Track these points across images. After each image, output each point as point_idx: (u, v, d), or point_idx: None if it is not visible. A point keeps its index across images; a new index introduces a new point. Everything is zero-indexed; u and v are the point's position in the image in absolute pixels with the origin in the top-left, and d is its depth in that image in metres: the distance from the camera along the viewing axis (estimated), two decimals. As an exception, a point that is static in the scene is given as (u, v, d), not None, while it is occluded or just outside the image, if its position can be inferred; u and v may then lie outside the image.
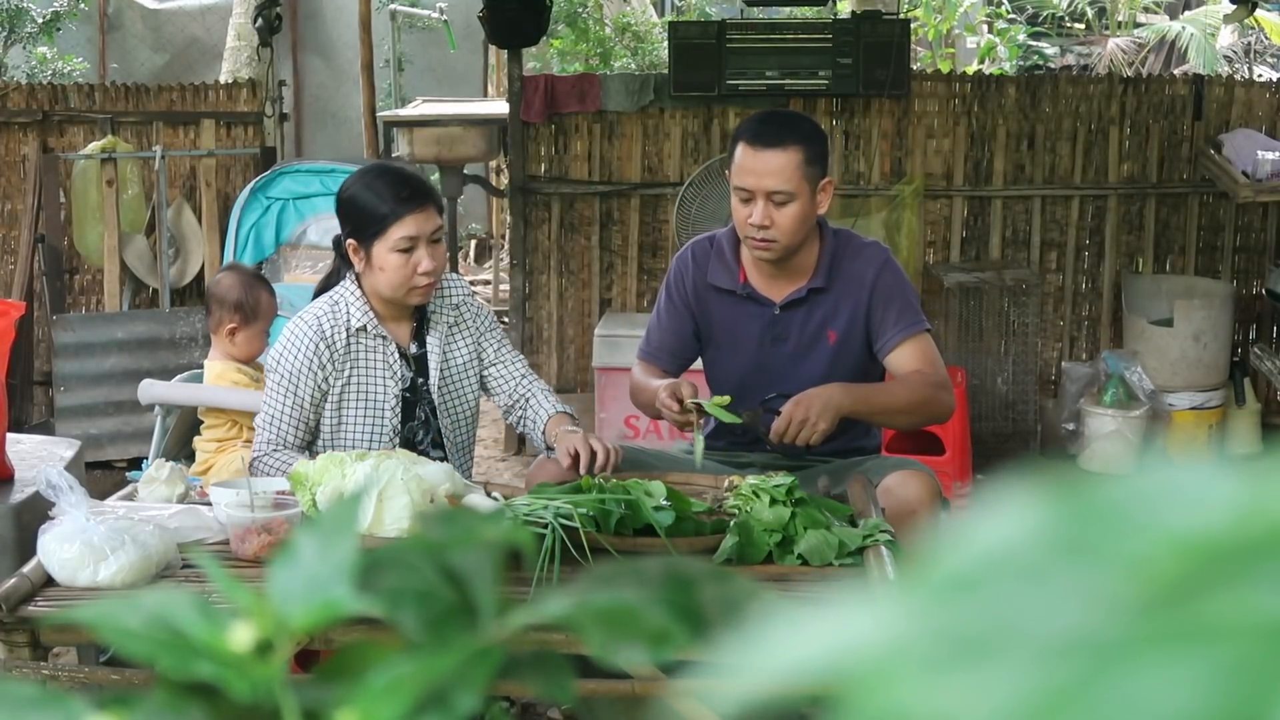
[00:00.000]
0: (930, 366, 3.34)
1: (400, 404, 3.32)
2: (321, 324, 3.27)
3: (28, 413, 6.00)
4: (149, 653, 0.61)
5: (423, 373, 3.35)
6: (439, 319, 3.37)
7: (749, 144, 3.31)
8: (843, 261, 3.41)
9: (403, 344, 3.35)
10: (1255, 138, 5.83)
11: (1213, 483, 0.38)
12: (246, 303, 4.04)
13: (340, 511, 0.66)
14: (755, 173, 3.28)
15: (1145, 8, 13.61)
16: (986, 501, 0.40)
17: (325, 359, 3.26)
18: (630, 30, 10.48)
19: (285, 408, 3.27)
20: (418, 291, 3.24)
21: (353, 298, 3.29)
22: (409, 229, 3.19)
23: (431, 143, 7.87)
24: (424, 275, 3.21)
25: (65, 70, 10.00)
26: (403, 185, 3.24)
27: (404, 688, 0.59)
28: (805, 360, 3.41)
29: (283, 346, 3.29)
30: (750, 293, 3.43)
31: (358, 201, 3.25)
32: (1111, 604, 0.36)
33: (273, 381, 3.29)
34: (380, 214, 3.20)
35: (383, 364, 3.30)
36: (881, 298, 3.36)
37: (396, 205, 3.20)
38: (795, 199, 3.28)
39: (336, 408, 3.28)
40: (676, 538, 2.79)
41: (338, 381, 3.28)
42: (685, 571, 0.66)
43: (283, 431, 3.26)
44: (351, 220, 3.28)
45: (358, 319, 3.28)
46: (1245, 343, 6.20)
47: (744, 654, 0.39)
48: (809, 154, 3.30)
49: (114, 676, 2.43)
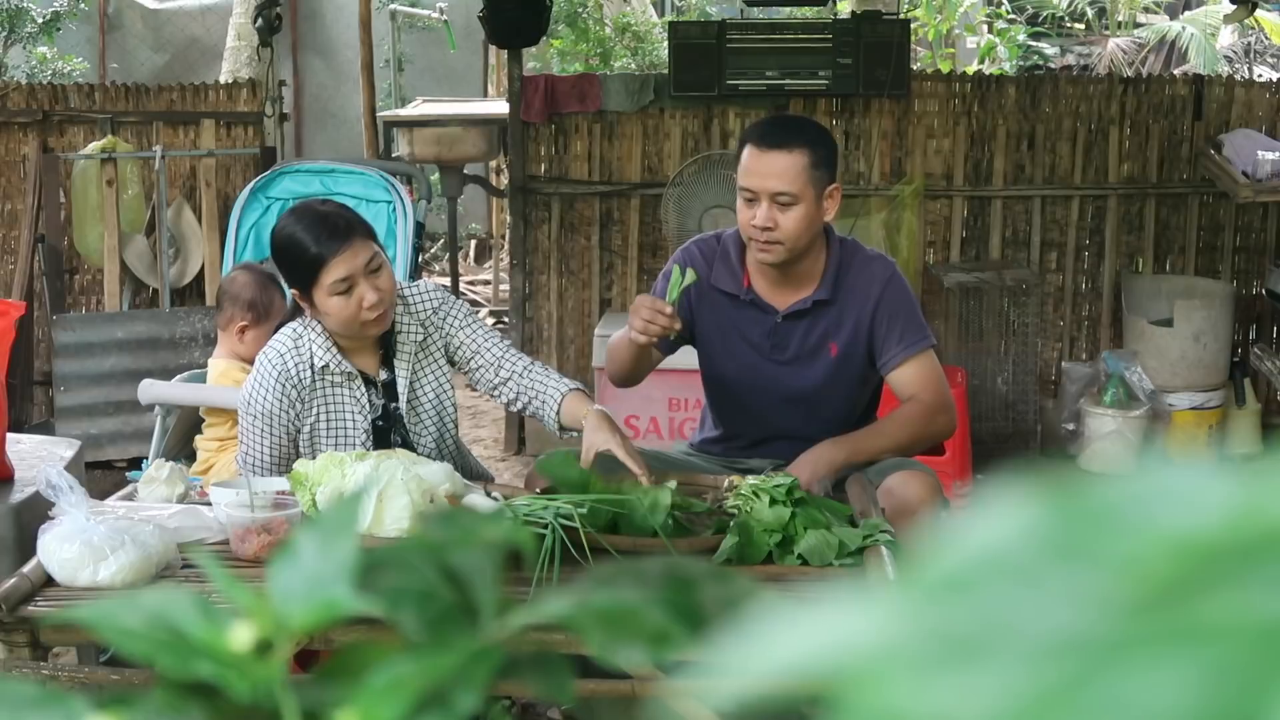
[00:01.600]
0: (930, 388, 3.32)
1: (372, 435, 3.26)
2: (286, 363, 3.21)
3: (28, 413, 6.00)
4: (149, 652, 0.62)
5: (395, 397, 3.29)
6: (406, 338, 3.28)
7: (755, 145, 3.29)
8: (848, 274, 3.37)
9: (371, 373, 3.28)
10: (1255, 138, 5.83)
11: (1207, 483, 0.38)
12: (260, 302, 4.04)
13: (340, 511, 0.67)
14: (759, 173, 3.26)
15: (1145, 8, 13.61)
16: (983, 502, 0.40)
17: (293, 398, 3.22)
18: (630, 30, 10.48)
19: (264, 447, 3.24)
20: (370, 325, 3.16)
21: (314, 334, 3.22)
22: (340, 271, 3.09)
23: (431, 143, 7.87)
24: (370, 310, 3.11)
25: (65, 70, 10.00)
26: (322, 226, 3.13)
27: (404, 688, 0.59)
28: (805, 371, 3.39)
29: (252, 388, 3.24)
30: (754, 299, 3.40)
31: (285, 254, 3.17)
32: (1104, 604, 0.36)
33: (247, 423, 3.25)
34: (307, 262, 3.11)
35: (350, 400, 3.24)
36: (886, 313, 3.33)
37: (320, 250, 3.09)
38: (799, 202, 3.25)
39: (309, 444, 3.24)
40: (676, 538, 2.79)
41: (307, 419, 3.24)
42: (685, 571, 0.66)
43: (265, 471, 3.22)
44: (285, 270, 3.22)
45: (320, 357, 3.21)
46: (1245, 343, 6.20)
47: (740, 653, 0.39)
48: (815, 157, 3.27)
49: (114, 676, 2.44)
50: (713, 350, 3.47)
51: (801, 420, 3.39)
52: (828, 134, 3.52)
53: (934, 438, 3.37)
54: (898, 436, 3.26)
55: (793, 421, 3.40)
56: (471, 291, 9.28)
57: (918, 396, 3.31)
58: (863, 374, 3.41)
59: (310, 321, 3.24)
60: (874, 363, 3.37)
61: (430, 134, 7.88)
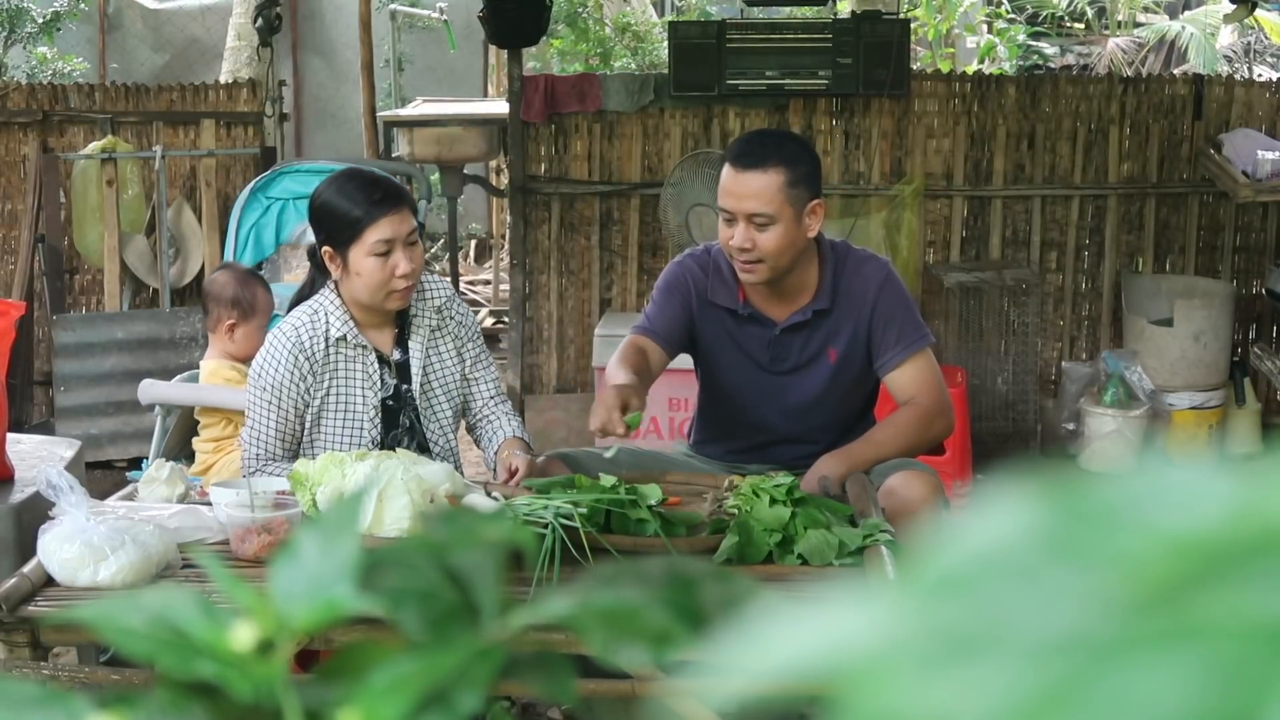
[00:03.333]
0: (928, 389, 3.30)
1: (381, 413, 3.28)
2: (300, 335, 3.23)
3: (28, 413, 6.00)
4: (150, 652, 0.62)
5: (406, 379, 3.31)
6: (421, 322, 3.33)
7: (731, 164, 3.25)
8: (843, 279, 3.35)
9: (385, 351, 3.30)
10: (1255, 138, 5.83)
11: (1207, 483, 0.38)
12: (243, 298, 4.05)
13: (341, 511, 0.67)
14: (735, 194, 3.21)
15: (1145, 8, 13.60)
16: (983, 502, 0.40)
17: (305, 370, 3.23)
18: (630, 30, 10.48)
19: (270, 421, 3.24)
20: (396, 295, 3.20)
21: (332, 306, 3.25)
22: (384, 231, 3.15)
23: (431, 143, 7.87)
24: (402, 278, 3.17)
25: (65, 70, 10.00)
26: (374, 189, 3.20)
27: (405, 687, 0.59)
28: (803, 380, 3.38)
29: (263, 360, 3.25)
30: (752, 313, 3.37)
31: (331, 208, 3.21)
32: (1104, 603, 0.36)
33: (255, 396, 3.26)
34: (354, 218, 3.16)
35: (362, 374, 3.26)
36: (883, 316, 3.32)
37: (370, 208, 3.16)
38: (776, 222, 3.20)
39: (316, 418, 3.25)
40: (676, 538, 2.79)
41: (318, 393, 3.25)
42: (685, 571, 0.66)
43: (270, 446, 3.24)
44: (325, 227, 3.24)
45: (337, 328, 3.24)
46: (1245, 343, 6.20)
47: (740, 653, 0.40)
48: (792, 176, 3.21)
49: (114, 676, 2.44)
50: (711, 363, 3.45)
51: (798, 425, 3.39)
52: (808, 150, 3.45)
53: (932, 441, 3.36)
54: (896, 443, 3.25)
55: (789, 427, 3.40)
56: (471, 291, 9.27)
57: (915, 400, 3.29)
58: (860, 380, 3.40)
59: (330, 295, 3.27)
60: (871, 364, 3.36)
61: (430, 134, 7.88)
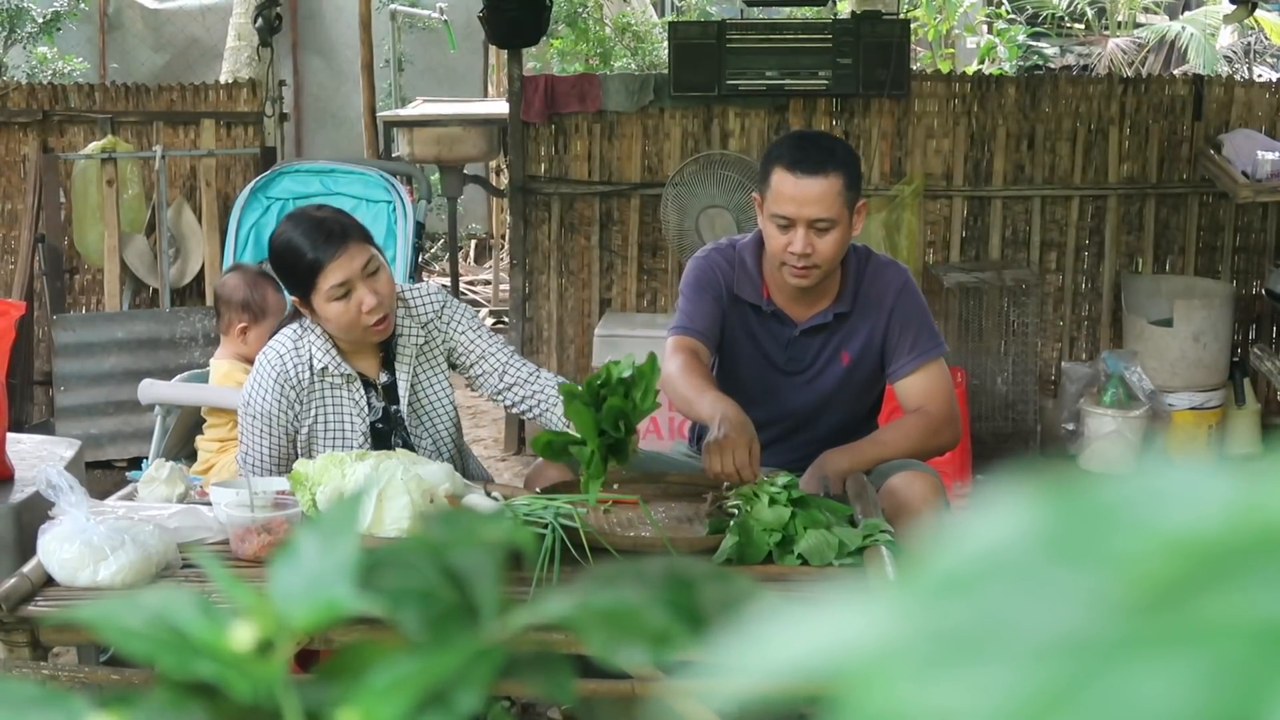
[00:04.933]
0: (938, 400, 3.30)
1: (370, 439, 3.25)
2: (285, 364, 3.21)
3: (28, 413, 6.00)
4: (149, 652, 0.62)
5: (395, 400, 3.29)
6: (406, 343, 3.28)
7: (789, 170, 3.22)
8: (864, 282, 3.35)
9: (371, 375, 3.28)
10: (1255, 138, 5.83)
11: (1206, 483, 0.38)
12: (254, 300, 4.05)
13: (340, 511, 0.67)
14: (797, 200, 3.19)
15: (1145, 8, 13.60)
16: (983, 502, 0.40)
17: (292, 399, 3.22)
18: (630, 30, 10.48)
19: (264, 448, 3.24)
20: (372, 330, 3.16)
21: (314, 336, 3.22)
22: (337, 276, 3.09)
23: (431, 143, 7.87)
24: (370, 314, 3.11)
25: (65, 70, 10.00)
26: (318, 232, 3.13)
27: (405, 687, 0.59)
28: (816, 382, 3.38)
29: (251, 389, 3.24)
30: (775, 310, 3.37)
31: (282, 261, 3.17)
32: (1104, 604, 0.36)
33: (246, 424, 3.26)
34: (304, 268, 3.11)
35: (349, 403, 3.24)
36: (899, 322, 3.32)
37: (316, 255, 3.10)
38: (837, 225, 3.21)
39: (306, 446, 3.24)
40: (675, 538, 2.79)
41: (305, 421, 3.24)
42: (685, 571, 0.66)
43: (265, 470, 3.23)
44: (284, 279, 3.22)
45: (320, 359, 3.21)
46: (1245, 343, 6.20)
47: (740, 653, 0.40)
48: (849, 179, 3.23)
49: (114, 676, 2.44)
50: (729, 356, 3.44)
51: (802, 426, 3.39)
52: (853, 152, 3.47)
53: (937, 451, 3.35)
54: (901, 447, 3.24)
55: (793, 427, 3.40)
56: (471, 291, 9.28)
57: (925, 408, 3.29)
58: (870, 381, 3.41)
59: (311, 324, 3.24)
60: (884, 369, 3.36)
61: (430, 134, 7.88)
